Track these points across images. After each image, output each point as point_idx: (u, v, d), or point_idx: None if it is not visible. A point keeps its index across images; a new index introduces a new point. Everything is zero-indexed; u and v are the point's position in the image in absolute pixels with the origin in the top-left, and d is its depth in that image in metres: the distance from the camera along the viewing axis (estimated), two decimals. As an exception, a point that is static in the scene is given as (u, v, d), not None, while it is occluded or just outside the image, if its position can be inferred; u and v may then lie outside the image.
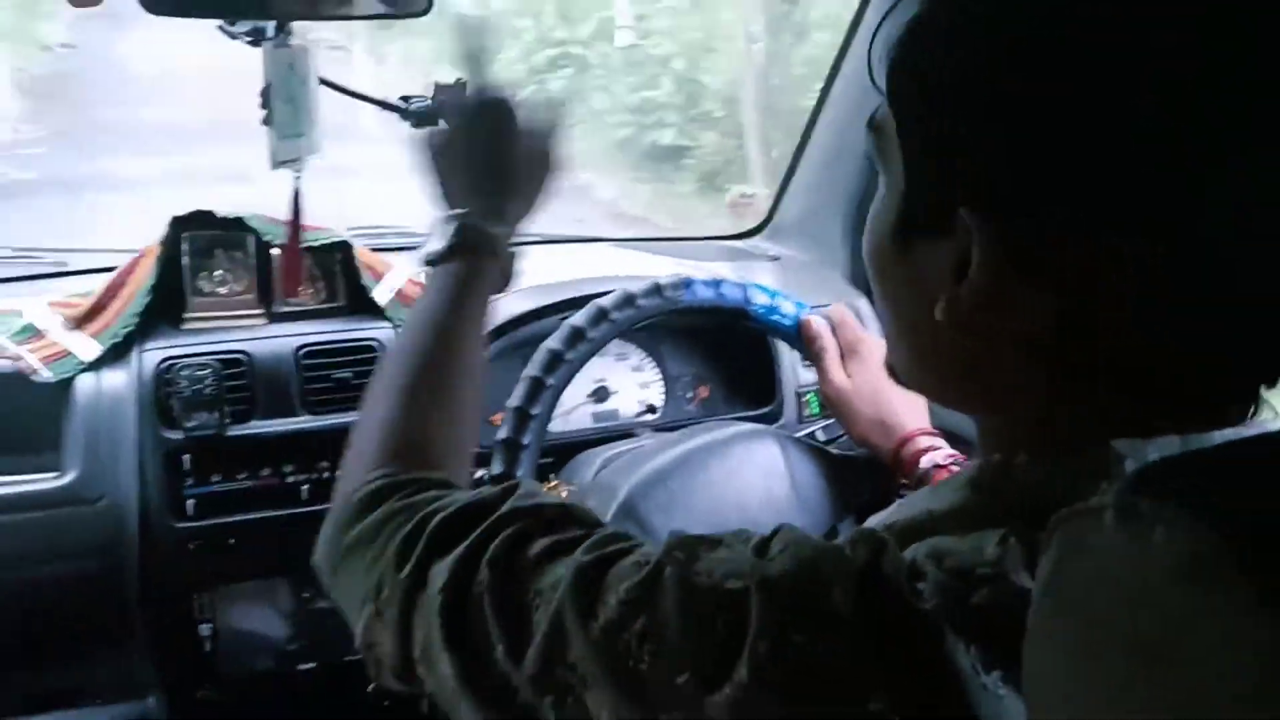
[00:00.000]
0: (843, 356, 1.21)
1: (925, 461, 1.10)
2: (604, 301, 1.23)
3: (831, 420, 1.31)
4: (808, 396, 1.54)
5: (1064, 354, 0.50)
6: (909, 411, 1.14)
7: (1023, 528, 0.46)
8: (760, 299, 1.28)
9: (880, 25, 0.55)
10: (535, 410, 1.17)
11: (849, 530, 0.90)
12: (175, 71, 7.34)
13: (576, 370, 1.21)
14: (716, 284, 1.27)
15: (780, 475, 1.22)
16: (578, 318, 1.22)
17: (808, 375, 1.48)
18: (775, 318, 1.28)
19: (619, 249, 1.95)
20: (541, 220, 0.99)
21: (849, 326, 1.23)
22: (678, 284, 1.25)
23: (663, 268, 1.75)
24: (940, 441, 1.13)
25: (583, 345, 1.21)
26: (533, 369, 1.19)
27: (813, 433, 1.36)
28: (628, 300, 1.23)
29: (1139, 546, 0.35)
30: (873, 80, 0.55)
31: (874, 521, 0.57)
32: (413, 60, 8.88)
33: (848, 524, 1.24)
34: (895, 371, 0.62)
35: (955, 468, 1.08)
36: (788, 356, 1.52)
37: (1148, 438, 0.48)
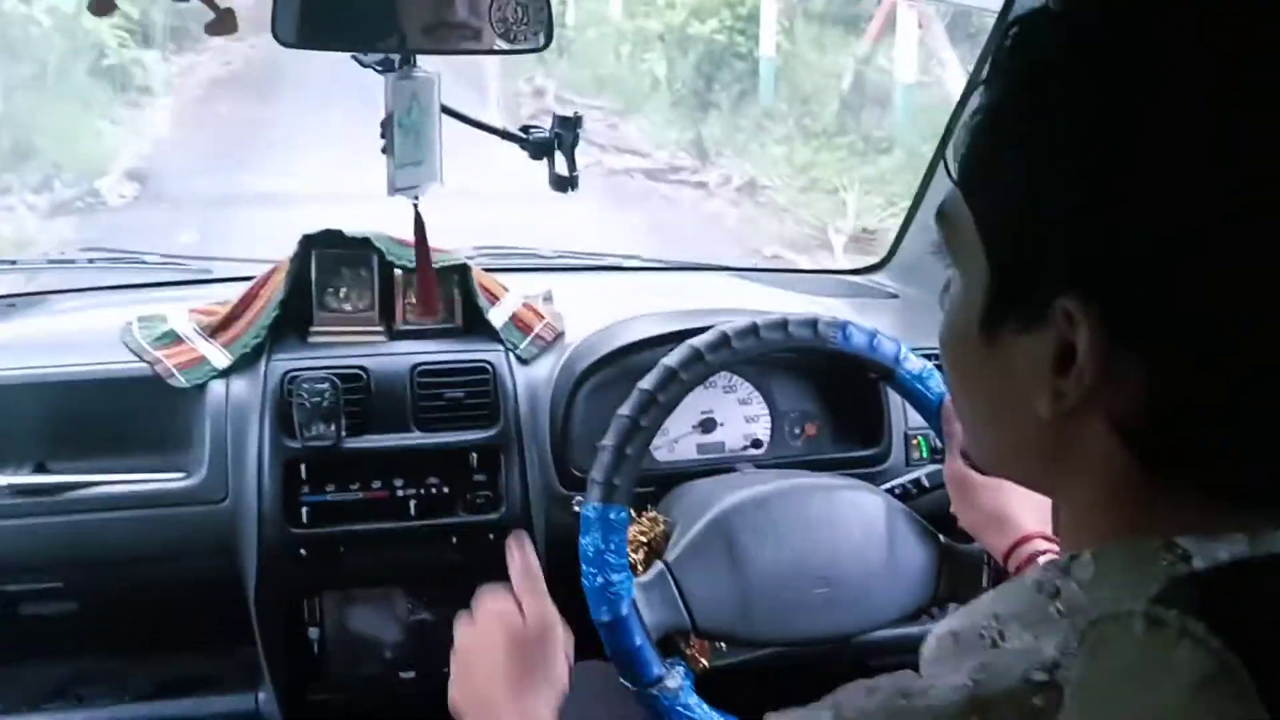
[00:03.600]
0: None
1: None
2: (755, 321, 1.19)
3: (939, 466, 1.27)
4: (917, 440, 1.51)
5: (1154, 440, 0.48)
6: (1030, 511, 1.07)
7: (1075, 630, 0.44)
8: (913, 364, 1.24)
9: (968, 115, 0.54)
10: (644, 422, 1.15)
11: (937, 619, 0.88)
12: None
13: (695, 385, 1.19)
14: (872, 334, 1.23)
15: (879, 537, 1.20)
16: (716, 334, 1.19)
17: (917, 418, 1.45)
18: (921, 387, 1.24)
19: (739, 279, 1.95)
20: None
21: None
22: (833, 324, 1.22)
23: (787, 301, 1.74)
24: (1057, 547, 1.08)
25: (734, 356, 1.19)
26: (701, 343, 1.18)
27: (919, 478, 1.33)
28: (780, 325, 1.20)
29: (1162, 657, 0.37)
30: (949, 174, 0.54)
31: (943, 626, 0.56)
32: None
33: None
34: (978, 461, 0.61)
35: None
36: (897, 397, 1.49)
37: (1216, 536, 0.46)
